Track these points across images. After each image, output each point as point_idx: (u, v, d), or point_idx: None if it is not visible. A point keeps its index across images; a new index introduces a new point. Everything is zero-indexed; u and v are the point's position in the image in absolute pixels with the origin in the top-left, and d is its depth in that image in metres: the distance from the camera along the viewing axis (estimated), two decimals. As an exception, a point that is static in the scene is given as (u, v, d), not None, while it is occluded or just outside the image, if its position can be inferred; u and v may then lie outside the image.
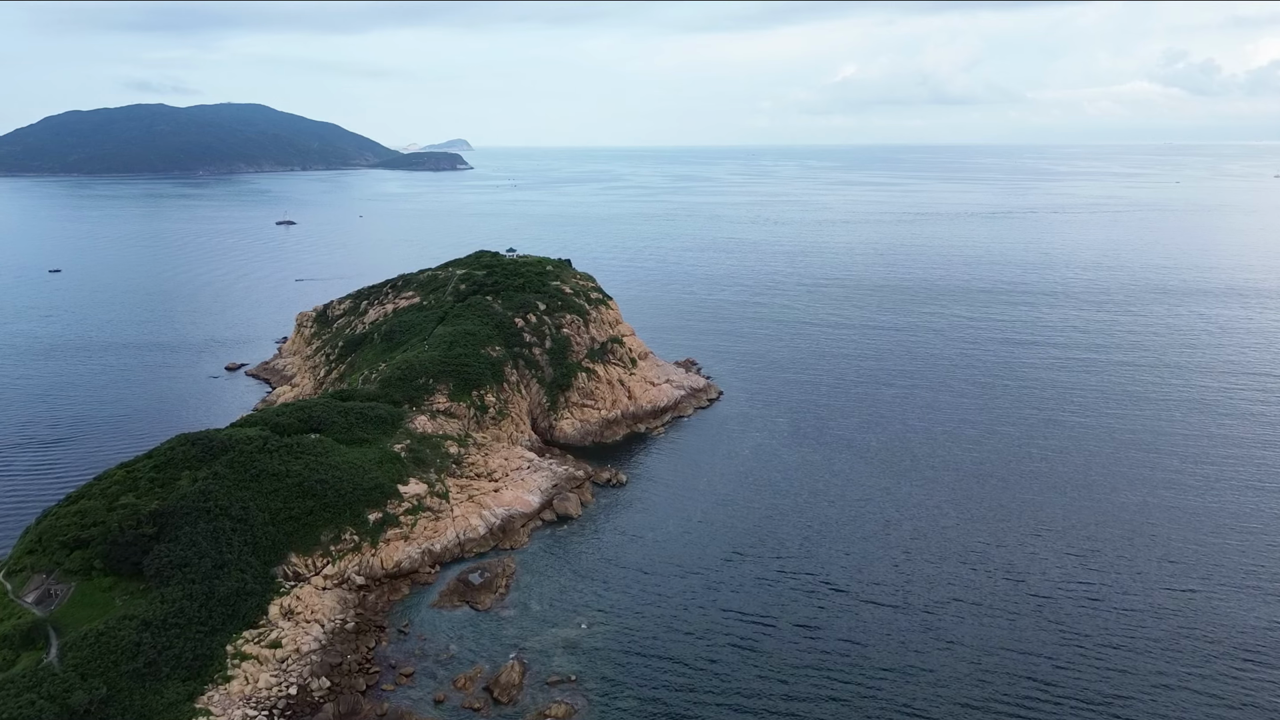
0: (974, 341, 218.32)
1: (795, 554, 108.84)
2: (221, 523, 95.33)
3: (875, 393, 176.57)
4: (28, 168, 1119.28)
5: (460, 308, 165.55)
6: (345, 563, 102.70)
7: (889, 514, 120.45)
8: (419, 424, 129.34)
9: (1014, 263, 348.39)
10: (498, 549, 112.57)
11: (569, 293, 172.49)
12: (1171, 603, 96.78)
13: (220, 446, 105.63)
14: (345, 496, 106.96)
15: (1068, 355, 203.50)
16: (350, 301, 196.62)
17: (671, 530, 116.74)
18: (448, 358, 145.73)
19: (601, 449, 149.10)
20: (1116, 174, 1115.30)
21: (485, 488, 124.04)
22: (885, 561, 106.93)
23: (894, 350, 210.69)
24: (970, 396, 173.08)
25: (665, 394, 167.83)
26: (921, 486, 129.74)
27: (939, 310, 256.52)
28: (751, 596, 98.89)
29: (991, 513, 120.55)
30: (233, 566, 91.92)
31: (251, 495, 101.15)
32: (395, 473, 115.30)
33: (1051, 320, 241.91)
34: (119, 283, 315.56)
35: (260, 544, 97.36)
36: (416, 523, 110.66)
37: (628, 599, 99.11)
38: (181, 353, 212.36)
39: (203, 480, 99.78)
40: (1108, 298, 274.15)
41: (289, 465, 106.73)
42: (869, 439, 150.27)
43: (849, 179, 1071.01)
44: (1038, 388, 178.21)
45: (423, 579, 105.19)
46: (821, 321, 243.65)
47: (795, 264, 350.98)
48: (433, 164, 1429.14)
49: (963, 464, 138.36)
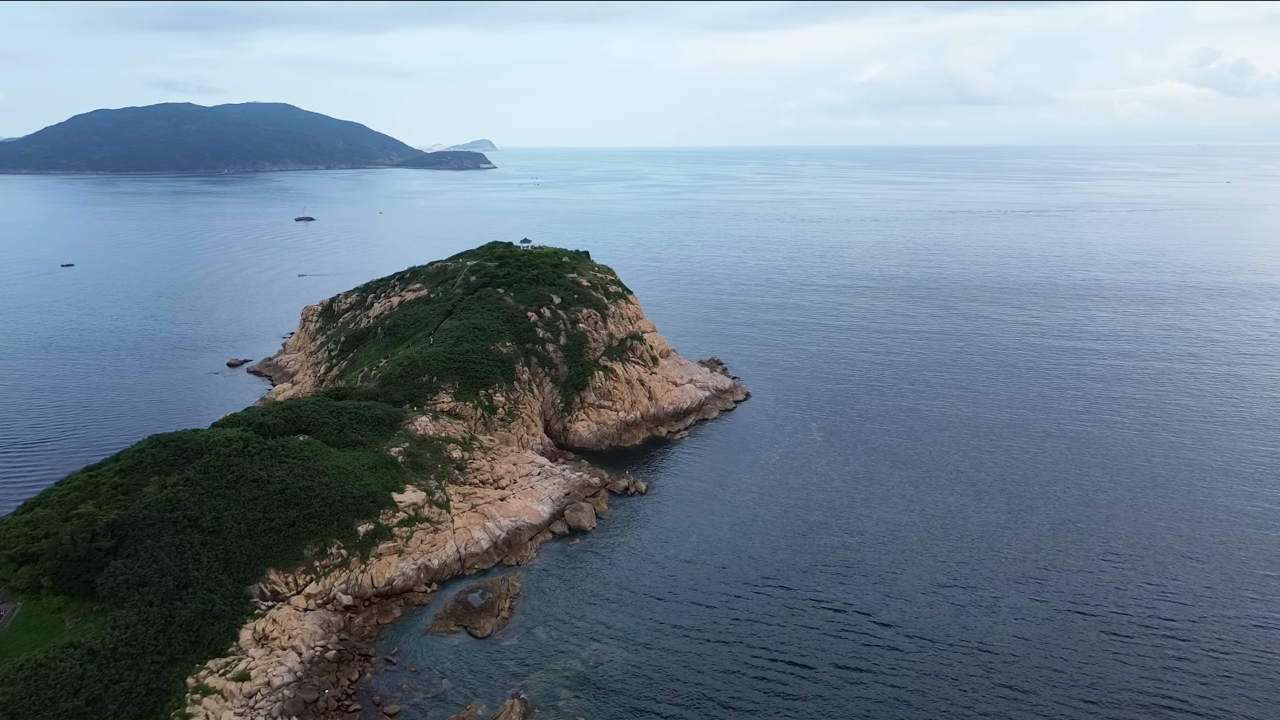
0: (1018, 343, 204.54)
1: (832, 579, 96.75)
2: (189, 535, 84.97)
3: (913, 396, 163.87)
4: (55, 165, 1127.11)
5: (469, 301, 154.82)
6: (331, 580, 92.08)
7: (935, 532, 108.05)
8: (419, 426, 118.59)
9: (1054, 261, 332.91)
10: (502, 565, 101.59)
11: (586, 286, 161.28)
12: (1264, 643, 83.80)
13: (195, 449, 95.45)
14: (333, 506, 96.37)
15: (1121, 360, 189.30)
16: (357, 295, 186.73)
17: (694, 547, 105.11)
18: (453, 354, 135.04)
19: (619, 454, 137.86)
20: (1152, 174, 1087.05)
21: (490, 496, 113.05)
22: (934, 589, 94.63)
23: (932, 351, 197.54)
24: (1019, 403, 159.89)
25: (688, 395, 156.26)
26: (971, 501, 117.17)
27: (978, 310, 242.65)
28: (783, 631, 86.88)
29: (1051, 532, 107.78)
30: (199, 585, 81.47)
31: (227, 504, 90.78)
32: (390, 479, 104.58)
33: (1101, 321, 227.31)
34: (129, 277, 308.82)
35: (234, 559, 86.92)
36: (412, 535, 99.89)
37: (644, 628, 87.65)
38: (182, 348, 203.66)
39: (172, 487, 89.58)
40: (1161, 297, 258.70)
41: (271, 471, 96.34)
42: (908, 446, 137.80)
43: (876, 178, 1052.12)
44: (1091, 395, 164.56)
45: (417, 599, 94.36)
46: (853, 321, 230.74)
47: (824, 262, 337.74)
48: (456, 163, 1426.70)
49: (1014, 477, 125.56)
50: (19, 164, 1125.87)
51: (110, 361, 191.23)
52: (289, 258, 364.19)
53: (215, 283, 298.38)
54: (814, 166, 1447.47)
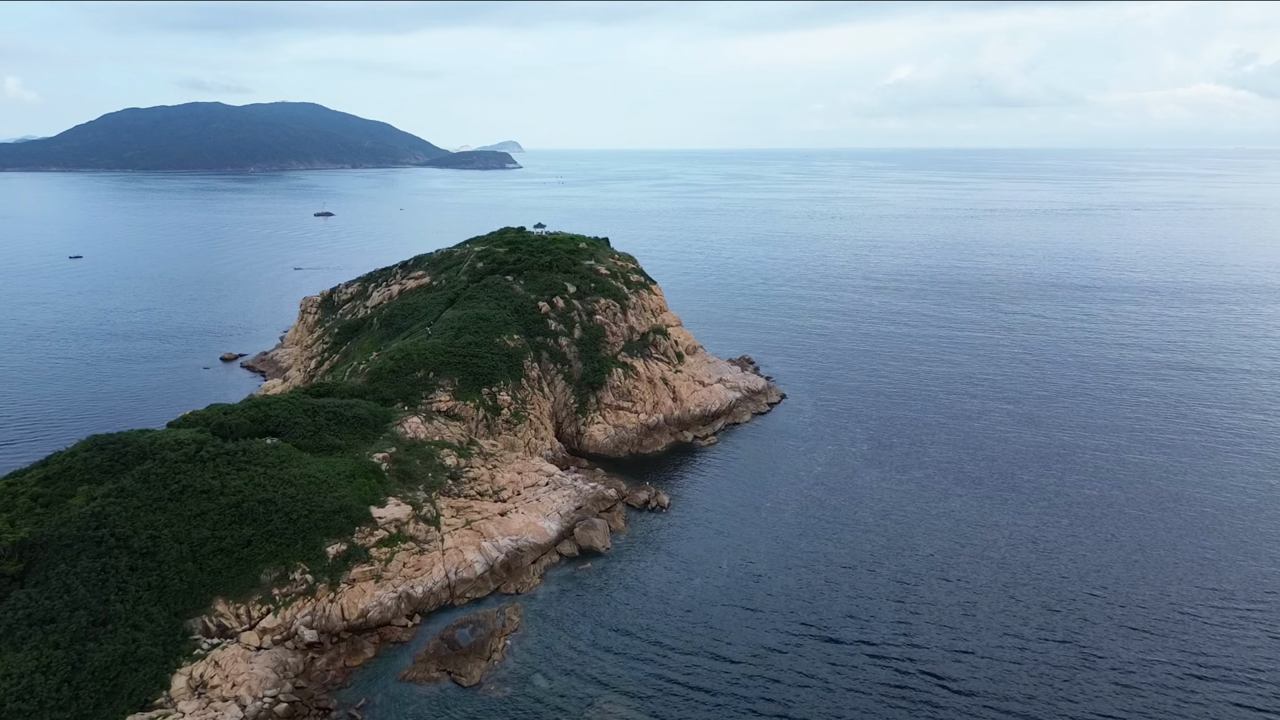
0: (1080, 345, 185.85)
1: (889, 628, 79.74)
2: (115, 558, 70.23)
3: (969, 403, 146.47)
4: (84, 163, 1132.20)
5: (475, 289, 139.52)
6: (292, 611, 76.99)
7: (1014, 568, 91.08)
8: (410, 428, 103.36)
9: (1105, 259, 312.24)
10: (499, 593, 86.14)
11: (605, 274, 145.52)
12: None
13: (137, 453, 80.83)
14: (298, 522, 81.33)
15: (1200, 363, 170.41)
16: (359, 285, 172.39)
17: (724, 577, 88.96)
18: (454, 347, 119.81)
19: (639, 462, 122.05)
20: (1195, 174, 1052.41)
21: (489, 510, 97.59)
22: (1020, 642, 77.72)
23: (985, 353, 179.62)
24: (1096, 413, 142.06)
25: (718, 396, 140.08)
26: (1053, 528, 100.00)
27: (1031, 309, 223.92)
28: (830, 698, 70.24)
29: (1154, 568, 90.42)
30: (122, 621, 66.69)
31: (167, 519, 75.99)
32: (370, 490, 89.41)
33: (1166, 321, 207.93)
34: (137, 269, 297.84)
35: (171, 587, 72.08)
36: (393, 557, 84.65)
37: (662, 683, 71.62)
38: (176, 341, 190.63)
39: (102, 498, 74.95)
40: (1226, 296, 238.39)
41: (226, 480, 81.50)
42: (968, 459, 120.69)
43: (907, 178, 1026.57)
44: (1169, 399, 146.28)
45: (395, 634, 79.06)
46: (894, 320, 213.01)
47: (860, 259, 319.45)
48: (482, 163, 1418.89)
49: (1093, 497, 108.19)
50: (49, 162, 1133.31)
51: (96, 354, 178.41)
52: (301, 252, 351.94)
53: (221, 275, 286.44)
54: (842, 167, 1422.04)
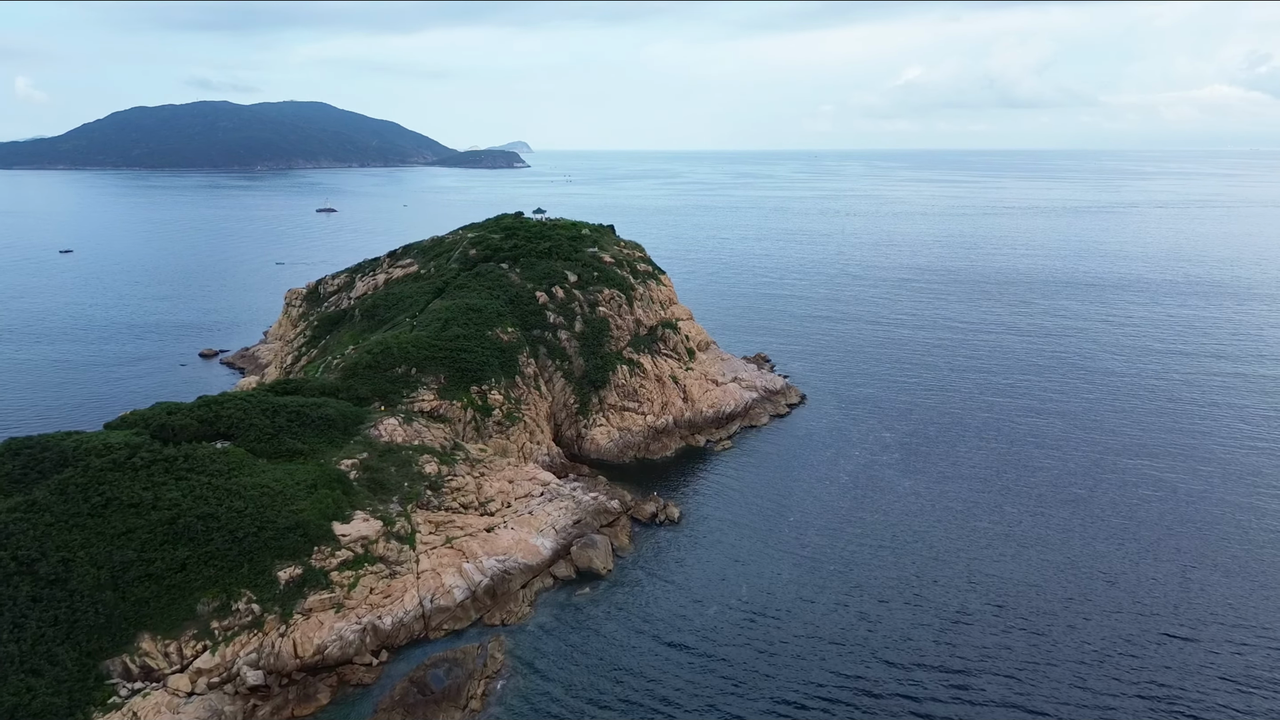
0: (1117, 349, 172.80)
1: (937, 677, 67.27)
2: (14, 586, 58.42)
3: (1003, 404, 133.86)
4: (92, 161, 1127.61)
5: (466, 277, 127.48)
6: (234, 649, 65.01)
7: (1077, 599, 78.46)
8: (385, 430, 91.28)
9: (1133, 256, 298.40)
10: (481, 624, 74.07)
11: (610, 263, 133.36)
12: None
13: (56, 459, 68.99)
14: (244, 541, 69.35)
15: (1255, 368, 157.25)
16: (345, 276, 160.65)
17: (742, 606, 76.66)
18: (439, 340, 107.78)
19: (646, 468, 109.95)
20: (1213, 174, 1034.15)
21: (474, 526, 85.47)
22: (1088, 698, 65.13)
23: (1019, 352, 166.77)
24: (1151, 418, 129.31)
25: (732, 396, 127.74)
26: (1117, 547, 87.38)
27: (1063, 307, 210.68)
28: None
29: (1245, 599, 77.73)
30: (16, 665, 54.81)
31: (85, 539, 64.13)
32: (334, 503, 77.35)
33: (1211, 320, 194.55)
34: (126, 264, 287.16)
35: (84, 622, 60.20)
36: (358, 582, 72.57)
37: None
38: (154, 337, 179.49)
39: (6, 513, 63.09)
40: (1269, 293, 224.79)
41: (161, 491, 69.61)
42: (1008, 468, 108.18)
43: (919, 176, 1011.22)
44: (1224, 409, 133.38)
45: (356, 676, 67.01)
46: (917, 317, 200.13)
47: (878, 255, 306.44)
48: (490, 162, 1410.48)
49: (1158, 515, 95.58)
50: (56, 160, 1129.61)
51: (65, 350, 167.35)
52: (297, 247, 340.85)
53: (211, 269, 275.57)
54: (854, 166, 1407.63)
